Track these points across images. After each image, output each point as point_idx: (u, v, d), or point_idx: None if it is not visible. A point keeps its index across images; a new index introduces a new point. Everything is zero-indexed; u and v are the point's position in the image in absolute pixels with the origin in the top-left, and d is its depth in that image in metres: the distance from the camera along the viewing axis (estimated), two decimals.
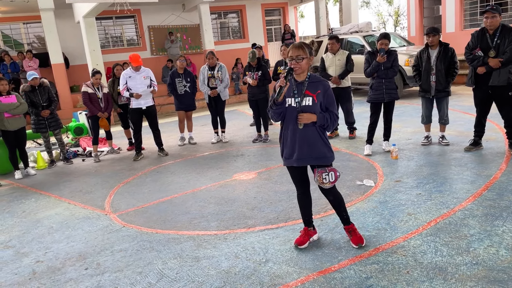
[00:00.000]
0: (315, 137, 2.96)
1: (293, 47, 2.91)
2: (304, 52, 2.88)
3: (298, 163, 3.02)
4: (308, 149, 2.96)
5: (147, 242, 3.64)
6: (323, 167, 2.98)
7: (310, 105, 2.91)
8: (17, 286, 3.13)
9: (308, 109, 2.91)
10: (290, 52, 2.91)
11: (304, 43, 2.96)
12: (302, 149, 2.97)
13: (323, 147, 2.98)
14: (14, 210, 4.96)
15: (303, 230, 3.28)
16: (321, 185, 3.00)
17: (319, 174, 2.97)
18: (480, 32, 4.94)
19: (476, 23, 13.67)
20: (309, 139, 2.95)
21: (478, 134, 5.25)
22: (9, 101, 6.20)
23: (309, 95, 2.92)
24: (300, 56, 2.87)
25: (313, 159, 2.99)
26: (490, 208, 3.54)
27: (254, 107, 7.10)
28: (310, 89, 2.93)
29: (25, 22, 13.69)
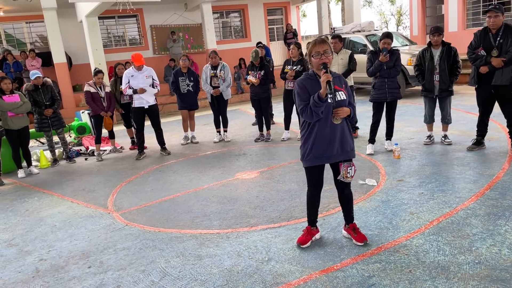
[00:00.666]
0: (346, 131, 3.00)
1: (318, 43, 2.86)
2: (329, 46, 2.87)
3: (331, 160, 3.01)
4: (341, 144, 2.99)
5: (149, 240, 3.65)
6: (349, 161, 3.02)
7: (344, 99, 2.92)
8: (21, 284, 3.15)
9: (343, 103, 2.91)
10: (316, 48, 2.85)
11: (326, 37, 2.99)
12: (336, 145, 2.97)
13: (351, 140, 3.05)
14: (17, 208, 4.98)
15: (306, 229, 3.28)
16: (344, 179, 3.02)
17: (345, 168, 2.99)
18: (482, 31, 4.93)
19: (478, 22, 13.64)
20: (343, 133, 2.98)
21: (481, 133, 5.25)
22: (12, 100, 6.22)
23: (339, 90, 2.92)
24: (328, 50, 2.85)
25: (344, 154, 3.01)
26: (493, 208, 3.54)
27: (257, 106, 7.11)
28: (337, 84, 2.93)
29: (28, 22, 13.73)
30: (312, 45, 2.90)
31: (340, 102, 2.90)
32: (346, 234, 3.28)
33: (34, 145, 8.87)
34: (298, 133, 7.01)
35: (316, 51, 2.86)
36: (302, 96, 2.92)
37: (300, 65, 6.48)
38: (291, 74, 6.42)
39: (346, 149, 3.01)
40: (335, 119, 2.91)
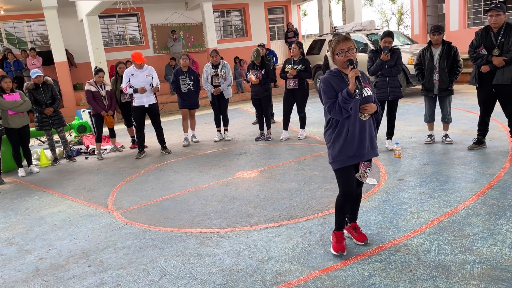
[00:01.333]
0: (373, 128, 2.95)
1: (342, 40, 2.79)
2: (353, 43, 2.82)
3: (363, 158, 2.91)
4: (370, 142, 2.93)
5: (150, 239, 3.64)
6: (369, 161, 2.97)
7: (371, 95, 2.85)
8: (21, 283, 3.14)
9: (370, 99, 2.85)
10: (340, 45, 2.78)
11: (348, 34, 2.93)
12: (367, 142, 2.89)
13: (375, 137, 2.99)
14: (18, 207, 4.98)
15: (337, 235, 3.07)
16: (361, 179, 2.98)
17: (364, 167, 2.95)
18: (484, 30, 4.91)
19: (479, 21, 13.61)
20: (370, 130, 2.92)
21: (482, 132, 5.23)
22: (12, 98, 6.22)
23: (365, 86, 2.83)
24: (352, 47, 2.80)
25: (373, 151, 2.96)
26: (494, 207, 3.53)
27: (257, 105, 7.10)
28: (361, 80, 2.80)
29: (29, 20, 13.73)
30: (335, 43, 2.82)
31: (367, 98, 2.82)
32: (347, 233, 3.26)
33: (34, 144, 8.87)
34: (298, 132, 7.01)
35: (340, 49, 2.79)
36: (328, 94, 2.82)
37: (302, 64, 6.47)
38: (293, 73, 6.41)
39: (374, 146, 2.96)
40: (362, 115, 2.83)
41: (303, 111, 6.82)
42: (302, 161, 5.58)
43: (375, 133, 2.99)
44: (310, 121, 7.93)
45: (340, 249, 3.01)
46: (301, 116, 6.85)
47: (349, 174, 2.94)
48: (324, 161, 5.45)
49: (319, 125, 7.88)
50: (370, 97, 2.85)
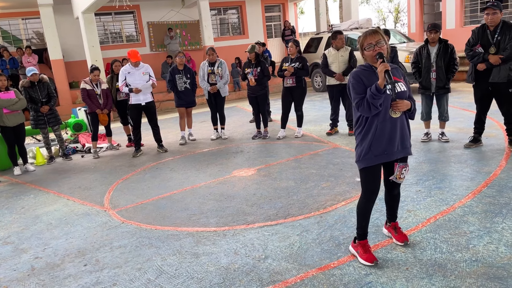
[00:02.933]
0: (406, 126, 2.78)
1: (369, 34, 2.65)
2: (382, 36, 2.65)
3: (391, 158, 2.73)
4: (401, 141, 2.75)
5: (146, 238, 3.63)
6: (405, 162, 2.80)
7: (404, 91, 2.69)
8: (16, 282, 3.12)
9: (403, 95, 2.68)
10: (368, 39, 2.64)
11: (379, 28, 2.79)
12: (397, 141, 2.72)
13: (409, 136, 2.82)
14: (13, 206, 4.95)
15: (362, 244, 2.89)
16: (397, 180, 2.80)
17: (400, 168, 2.75)
18: (480, 28, 4.92)
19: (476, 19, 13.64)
20: (402, 128, 2.74)
21: (478, 131, 5.24)
22: (7, 96, 6.17)
23: (397, 81, 2.67)
24: (381, 40, 2.63)
25: (404, 150, 2.77)
26: (490, 205, 3.54)
27: (254, 103, 7.08)
28: (396, 75, 2.70)
29: (24, 18, 13.65)
30: (363, 38, 2.67)
31: (400, 94, 2.66)
32: (386, 232, 3.16)
33: (30, 142, 8.82)
34: (295, 130, 7.00)
35: (368, 43, 2.64)
36: (357, 89, 2.65)
37: (299, 62, 6.46)
38: (290, 70, 6.40)
39: (405, 145, 2.77)
40: (393, 112, 2.66)
41: (301, 109, 6.81)
42: (299, 159, 5.58)
43: (408, 132, 2.81)
44: (307, 119, 7.92)
45: (374, 259, 2.82)
46: (298, 115, 6.85)
47: (375, 174, 2.77)
48: (321, 159, 5.45)
49: (316, 123, 7.88)
50: (404, 93, 2.68)
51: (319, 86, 12.58)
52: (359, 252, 2.87)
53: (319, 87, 12.57)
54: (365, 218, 2.89)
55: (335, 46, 6.43)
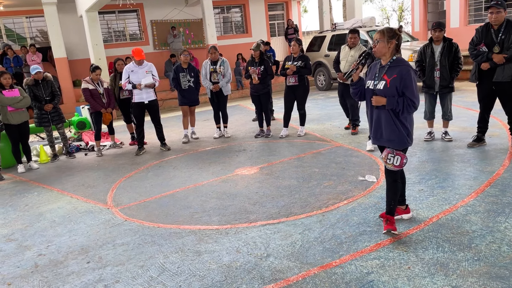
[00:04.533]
0: (387, 120, 3.06)
1: (376, 32, 3.09)
2: (381, 36, 3.01)
3: (374, 142, 3.24)
4: (381, 131, 3.14)
5: (148, 236, 3.65)
6: (392, 148, 3.08)
7: (381, 89, 3.04)
8: (20, 279, 3.15)
9: (379, 92, 3.05)
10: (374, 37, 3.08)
11: (388, 28, 3.07)
12: (376, 130, 3.17)
13: (394, 131, 3.06)
14: (17, 203, 4.98)
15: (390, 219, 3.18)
16: (384, 164, 3.11)
17: (385, 153, 3.08)
18: (484, 27, 4.90)
19: (480, 18, 13.58)
20: (381, 121, 3.10)
21: (482, 130, 5.23)
22: (12, 95, 6.21)
23: (384, 79, 3.03)
24: (377, 40, 3.02)
25: (385, 141, 3.13)
26: (493, 205, 3.53)
27: (257, 102, 7.08)
28: (387, 73, 3.03)
29: (28, 16, 13.69)
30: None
31: (377, 91, 3.06)
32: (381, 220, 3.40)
33: (34, 140, 8.86)
34: (298, 129, 7.00)
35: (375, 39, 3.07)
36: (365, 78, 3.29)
37: (301, 60, 6.45)
38: (292, 68, 6.39)
39: (386, 137, 3.10)
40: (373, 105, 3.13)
41: (303, 108, 6.81)
42: (302, 158, 5.58)
43: (393, 126, 3.04)
44: (309, 118, 7.92)
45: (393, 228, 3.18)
46: (301, 113, 6.84)
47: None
48: (324, 158, 5.45)
49: (318, 122, 7.87)
50: (380, 91, 3.05)
51: (322, 84, 12.56)
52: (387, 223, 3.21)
53: (322, 85, 12.55)
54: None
55: (348, 44, 6.48)
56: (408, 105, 2.95)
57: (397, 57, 3.03)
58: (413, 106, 2.96)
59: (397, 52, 3.04)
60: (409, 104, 2.95)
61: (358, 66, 3.20)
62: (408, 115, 3.05)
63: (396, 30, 3.01)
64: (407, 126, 3.07)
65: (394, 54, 3.03)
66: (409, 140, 3.08)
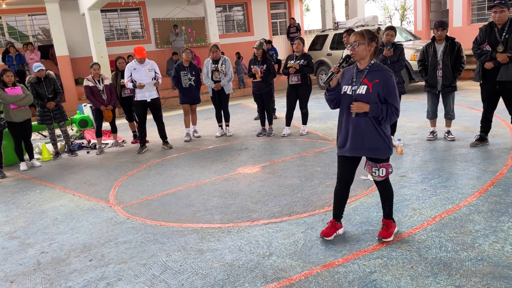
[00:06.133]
0: (369, 128, 2.85)
1: (352, 34, 2.87)
2: (362, 38, 2.80)
3: (350, 152, 2.95)
4: (361, 140, 2.88)
5: (151, 234, 3.65)
6: (374, 163, 2.92)
7: (363, 94, 2.82)
8: (22, 276, 3.15)
9: (361, 98, 2.82)
10: (350, 39, 2.87)
11: (367, 30, 2.87)
12: (355, 139, 2.90)
13: (377, 140, 2.86)
14: (19, 201, 4.99)
15: (331, 222, 3.23)
16: (373, 177, 3.01)
17: (369, 167, 2.95)
18: (488, 26, 4.88)
19: (483, 17, 13.52)
20: (362, 129, 2.86)
21: (485, 129, 5.21)
22: (14, 92, 6.21)
23: (365, 84, 2.82)
24: (357, 42, 2.80)
25: (366, 151, 2.91)
26: (496, 204, 3.52)
27: (259, 100, 7.08)
28: (368, 78, 2.83)
29: (30, 14, 13.70)
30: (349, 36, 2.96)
31: (359, 96, 2.83)
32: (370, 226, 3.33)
33: (36, 138, 8.87)
34: (300, 128, 6.99)
35: (350, 42, 2.88)
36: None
37: (304, 59, 6.44)
38: (296, 67, 6.38)
39: (368, 146, 2.88)
40: (351, 112, 2.88)
41: (305, 106, 6.80)
42: (304, 157, 5.57)
43: (374, 134, 2.86)
44: (312, 117, 7.91)
45: (324, 234, 3.19)
46: (303, 112, 6.83)
47: (342, 164, 3.07)
48: (326, 157, 5.44)
49: (321, 121, 7.86)
50: (362, 96, 2.82)
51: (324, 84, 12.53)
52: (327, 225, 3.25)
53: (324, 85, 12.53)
54: (335, 200, 3.21)
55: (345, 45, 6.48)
56: (392, 112, 2.79)
57: (375, 62, 2.86)
58: (396, 114, 2.81)
59: (375, 56, 2.88)
60: (392, 112, 2.79)
61: (339, 70, 2.90)
62: (389, 123, 2.91)
63: (375, 33, 2.86)
64: (387, 134, 2.90)
65: (372, 58, 2.86)
66: (391, 147, 2.97)
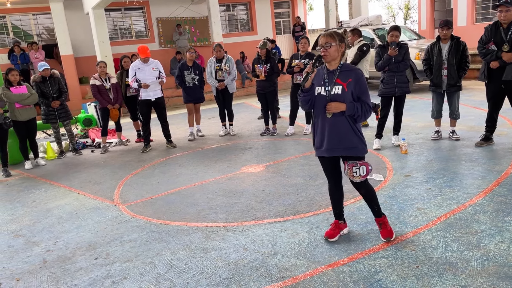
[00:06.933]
0: (345, 127, 2.89)
1: (323, 35, 2.89)
2: (333, 39, 2.85)
3: (328, 153, 2.98)
4: (338, 139, 2.91)
5: (156, 233, 3.66)
6: (354, 161, 2.92)
7: (339, 94, 2.85)
8: (28, 274, 3.17)
9: (338, 98, 2.86)
10: (320, 40, 2.89)
11: (336, 32, 2.93)
12: (332, 139, 2.92)
13: (354, 138, 2.91)
14: (25, 199, 5.01)
15: (334, 223, 3.23)
16: (351, 179, 2.96)
17: (349, 167, 2.92)
18: (493, 25, 4.86)
19: (488, 16, 13.46)
20: (338, 129, 2.89)
21: (490, 129, 5.19)
22: (19, 91, 6.24)
23: (339, 84, 2.86)
24: (329, 43, 2.84)
25: (343, 150, 2.93)
26: (501, 204, 3.51)
27: (263, 100, 7.08)
28: (341, 78, 2.87)
29: (35, 13, 13.74)
30: (319, 37, 2.94)
31: (335, 97, 2.87)
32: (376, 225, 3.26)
33: (40, 137, 8.91)
34: (304, 127, 6.99)
35: (320, 44, 2.90)
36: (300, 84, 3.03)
37: (309, 58, 6.44)
38: (301, 65, 6.38)
39: (345, 145, 2.91)
40: (327, 112, 2.89)
41: None
42: (308, 156, 5.57)
43: (351, 133, 2.90)
44: None
45: (328, 235, 3.18)
46: (307, 112, 6.83)
47: (324, 165, 3.11)
48: None
49: None
50: (338, 96, 2.86)
51: None
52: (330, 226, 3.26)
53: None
54: (331, 200, 3.24)
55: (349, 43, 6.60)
56: (366, 110, 2.86)
57: (344, 63, 2.92)
58: (369, 111, 2.89)
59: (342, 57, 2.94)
60: (366, 109, 2.86)
61: (313, 70, 2.88)
62: (363, 120, 2.97)
63: (342, 34, 2.93)
64: (362, 133, 2.97)
65: (341, 58, 2.93)
66: (366, 146, 3.00)
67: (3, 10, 12.91)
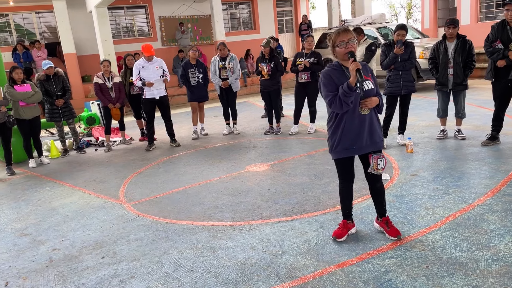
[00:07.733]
0: (375, 121, 2.95)
1: (342, 32, 2.81)
2: (353, 35, 2.84)
3: (360, 151, 2.96)
4: (370, 135, 2.92)
5: (162, 232, 3.64)
6: (379, 153, 2.94)
7: (372, 88, 2.85)
8: (35, 273, 3.16)
9: (371, 92, 2.84)
10: (341, 37, 2.80)
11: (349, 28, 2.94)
12: (365, 137, 2.91)
13: (380, 131, 2.99)
14: (29, 198, 5.00)
15: (342, 223, 3.20)
16: (375, 172, 2.95)
17: (375, 159, 2.92)
18: (500, 24, 4.83)
19: (492, 15, 13.41)
20: (371, 124, 2.92)
21: (496, 128, 5.16)
22: (23, 90, 6.23)
23: (366, 79, 2.83)
24: (353, 39, 2.81)
25: (373, 145, 2.95)
26: (510, 204, 3.48)
27: (267, 98, 7.06)
28: (364, 73, 2.83)
29: (38, 12, 13.72)
30: (335, 35, 2.83)
31: (368, 92, 2.83)
32: (378, 227, 3.22)
33: (44, 135, 8.90)
34: (308, 126, 6.97)
35: (340, 40, 2.80)
36: (329, 87, 2.83)
37: (313, 57, 6.42)
38: (306, 64, 6.35)
39: (375, 139, 2.95)
40: (363, 110, 2.84)
41: (314, 105, 6.77)
42: (313, 155, 5.55)
43: (378, 127, 2.98)
44: (320, 115, 7.84)
45: (336, 235, 3.14)
46: (311, 110, 6.81)
47: (345, 165, 3.04)
48: None
49: None
50: (371, 91, 2.84)
51: None
52: (338, 226, 3.21)
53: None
54: (342, 201, 3.18)
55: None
56: (382, 101, 2.98)
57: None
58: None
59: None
60: (382, 100, 2.97)
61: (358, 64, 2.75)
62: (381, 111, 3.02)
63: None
64: None
65: None
66: None
67: (6, 8, 12.90)
